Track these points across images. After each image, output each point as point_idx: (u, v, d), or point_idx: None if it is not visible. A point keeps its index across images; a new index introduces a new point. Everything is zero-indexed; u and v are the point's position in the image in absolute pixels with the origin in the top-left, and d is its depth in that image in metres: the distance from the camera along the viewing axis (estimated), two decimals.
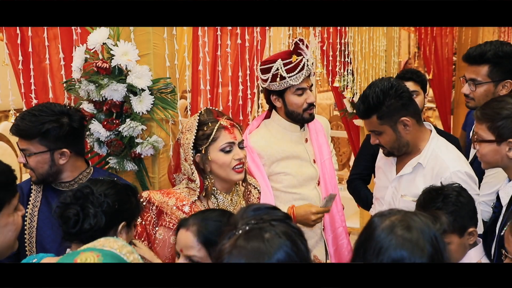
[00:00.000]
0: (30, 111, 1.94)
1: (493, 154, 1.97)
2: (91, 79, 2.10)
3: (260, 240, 1.10)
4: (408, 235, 1.19)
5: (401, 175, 2.29)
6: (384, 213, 1.26)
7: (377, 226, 1.22)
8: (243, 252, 1.10)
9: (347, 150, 6.12)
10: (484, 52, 2.43)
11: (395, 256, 1.17)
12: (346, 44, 3.82)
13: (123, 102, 2.14)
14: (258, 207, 1.22)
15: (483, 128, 1.97)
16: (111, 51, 2.09)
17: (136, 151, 2.19)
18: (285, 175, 2.49)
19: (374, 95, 2.17)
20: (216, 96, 2.53)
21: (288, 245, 1.11)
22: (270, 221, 1.15)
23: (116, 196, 1.68)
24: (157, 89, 2.19)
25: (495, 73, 2.42)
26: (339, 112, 4.49)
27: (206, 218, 1.65)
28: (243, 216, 1.20)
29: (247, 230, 1.14)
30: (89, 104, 2.18)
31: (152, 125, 2.25)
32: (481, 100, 2.42)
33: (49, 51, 2.27)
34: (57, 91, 2.35)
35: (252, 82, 2.63)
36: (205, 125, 1.97)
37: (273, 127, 2.52)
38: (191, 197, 1.98)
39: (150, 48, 2.23)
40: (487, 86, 2.44)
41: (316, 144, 2.62)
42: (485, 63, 2.42)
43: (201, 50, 2.40)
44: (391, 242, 1.18)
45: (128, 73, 2.11)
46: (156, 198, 1.96)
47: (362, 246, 1.23)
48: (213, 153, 1.97)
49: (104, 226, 1.63)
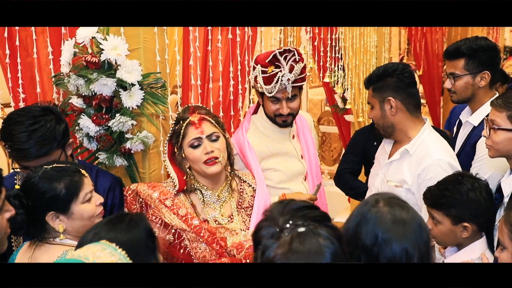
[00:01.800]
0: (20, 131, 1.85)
1: (506, 143, 1.99)
2: (80, 73, 2.08)
3: (316, 243, 1.12)
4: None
5: (391, 161, 2.36)
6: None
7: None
8: (302, 257, 1.11)
9: (338, 146, 6.14)
10: (458, 46, 2.58)
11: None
12: (337, 40, 3.82)
13: (113, 96, 2.12)
14: (296, 204, 1.22)
15: (502, 116, 2.00)
16: (101, 45, 2.06)
17: (126, 146, 2.17)
18: (274, 171, 2.51)
19: (381, 69, 2.33)
20: (207, 91, 2.51)
21: (338, 248, 1.14)
22: (317, 223, 1.16)
23: (27, 193, 1.68)
24: (147, 84, 2.18)
25: (471, 65, 2.55)
26: (330, 107, 4.48)
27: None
28: (283, 212, 1.19)
29: (299, 232, 1.13)
30: (78, 99, 2.15)
31: (142, 120, 2.23)
32: (462, 92, 2.58)
33: (37, 45, 2.24)
34: (45, 85, 2.32)
35: (243, 77, 2.62)
36: (177, 123, 2.02)
37: (261, 124, 2.53)
38: (173, 191, 2.01)
39: (140, 42, 2.20)
40: (465, 78, 2.56)
41: (304, 140, 2.65)
42: (461, 57, 2.56)
43: (192, 45, 2.38)
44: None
45: (117, 67, 2.08)
46: (142, 191, 1.98)
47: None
48: (185, 150, 2.01)
49: (26, 220, 1.66)
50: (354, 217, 1.40)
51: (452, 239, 2.01)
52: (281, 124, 2.47)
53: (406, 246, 1.32)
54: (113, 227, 1.37)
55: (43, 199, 1.69)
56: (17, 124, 1.86)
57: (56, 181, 1.70)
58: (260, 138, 2.49)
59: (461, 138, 2.65)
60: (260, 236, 1.18)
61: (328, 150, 6.09)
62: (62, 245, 1.72)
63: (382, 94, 2.29)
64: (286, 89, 2.35)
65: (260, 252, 1.16)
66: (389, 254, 1.31)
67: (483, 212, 1.97)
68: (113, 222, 1.40)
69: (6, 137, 1.87)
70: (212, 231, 1.94)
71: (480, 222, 1.98)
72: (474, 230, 1.97)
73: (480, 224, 1.98)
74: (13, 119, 1.88)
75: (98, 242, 1.24)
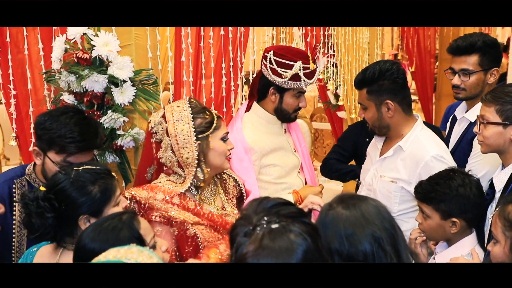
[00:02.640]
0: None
1: (496, 137, 2.01)
2: (71, 70, 2.07)
3: (287, 240, 1.11)
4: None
5: (384, 158, 2.39)
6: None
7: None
8: (272, 254, 1.10)
9: (330, 142, 6.14)
10: (474, 42, 2.50)
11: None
12: (329, 36, 3.82)
13: (105, 93, 2.11)
14: (271, 202, 1.22)
15: (491, 111, 2.02)
16: (92, 41, 2.06)
17: (118, 143, 2.16)
18: (274, 166, 2.55)
19: (372, 70, 2.29)
20: (199, 88, 2.51)
21: (311, 244, 1.13)
22: (290, 219, 1.16)
23: (58, 197, 1.65)
24: (139, 81, 2.17)
25: (484, 62, 2.49)
26: (323, 104, 4.49)
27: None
28: (257, 210, 1.19)
29: (271, 229, 1.13)
30: (69, 96, 2.14)
31: (134, 117, 2.23)
32: (472, 90, 2.51)
33: (28, 42, 2.22)
34: (37, 82, 2.31)
35: (235, 73, 2.62)
36: (202, 113, 1.96)
37: (256, 121, 2.55)
38: (179, 189, 1.94)
39: (132, 38, 2.20)
40: (478, 74, 2.50)
41: (295, 133, 2.70)
42: (475, 53, 2.49)
43: (184, 41, 2.37)
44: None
45: (109, 64, 2.08)
46: (141, 196, 1.91)
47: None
48: (214, 141, 1.96)
49: (56, 224, 1.65)
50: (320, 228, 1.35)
51: (441, 234, 2.03)
52: (293, 119, 2.60)
53: (371, 232, 1.30)
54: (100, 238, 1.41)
55: (78, 203, 1.65)
56: (77, 114, 1.92)
57: (91, 184, 1.67)
58: (259, 135, 2.52)
59: (456, 134, 2.64)
60: (235, 234, 1.18)
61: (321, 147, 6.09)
62: None
63: (379, 97, 2.29)
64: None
65: (234, 250, 1.16)
66: (361, 247, 1.29)
67: (472, 208, 1.99)
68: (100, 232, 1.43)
69: (61, 128, 1.85)
70: (221, 216, 1.99)
71: (469, 218, 1.99)
72: (463, 226, 1.99)
73: (469, 220, 2.00)
74: (65, 113, 1.90)
75: (130, 246, 1.22)
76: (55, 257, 1.70)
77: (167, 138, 1.94)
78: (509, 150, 2.01)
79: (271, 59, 2.44)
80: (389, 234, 1.32)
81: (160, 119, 1.96)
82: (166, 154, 1.97)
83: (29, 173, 2.03)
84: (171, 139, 1.93)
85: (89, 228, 1.48)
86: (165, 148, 1.96)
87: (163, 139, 1.96)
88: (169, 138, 1.94)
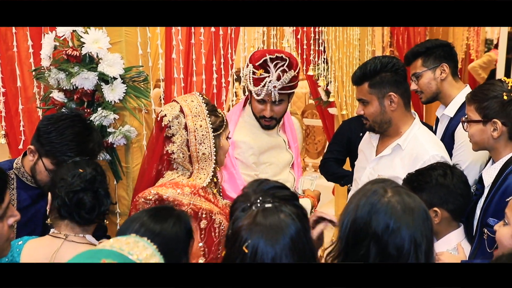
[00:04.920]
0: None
1: (479, 134, 2.05)
2: (61, 67, 2.05)
3: (277, 219, 1.27)
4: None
5: (381, 156, 2.37)
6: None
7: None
8: (263, 230, 1.25)
9: (322, 139, 6.16)
10: (414, 49, 2.81)
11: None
12: (320, 33, 3.82)
13: (95, 90, 2.10)
14: (269, 184, 1.38)
15: (472, 109, 2.06)
16: (81, 38, 2.04)
17: (108, 141, 2.15)
18: (270, 164, 2.56)
19: (373, 64, 2.29)
20: (190, 85, 2.50)
21: (298, 225, 1.27)
22: (283, 201, 1.31)
23: (102, 169, 1.82)
24: (130, 78, 2.16)
25: (428, 61, 2.71)
26: (314, 100, 4.50)
27: None
28: (256, 190, 1.35)
29: (265, 208, 1.29)
30: (59, 93, 2.13)
31: (124, 114, 2.22)
32: (427, 89, 2.71)
33: (17, 38, 2.21)
34: (26, 79, 2.30)
35: (226, 70, 2.61)
36: (215, 111, 2.03)
37: (251, 119, 2.55)
38: (202, 182, 1.99)
39: (122, 35, 2.18)
40: (426, 74, 2.70)
41: (289, 130, 2.70)
42: (418, 57, 2.74)
43: (174, 38, 2.37)
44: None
45: (99, 61, 2.07)
46: (168, 194, 1.91)
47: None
48: (222, 140, 2.05)
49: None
50: (362, 207, 1.39)
51: None
52: (264, 126, 2.49)
53: (414, 234, 1.34)
54: (160, 220, 1.40)
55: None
56: (83, 129, 1.98)
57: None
58: (255, 133, 2.53)
59: (439, 132, 2.72)
60: (235, 209, 1.36)
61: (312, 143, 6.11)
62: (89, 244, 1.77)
63: (382, 89, 2.27)
64: (271, 94, 2.35)
65: (231, 222, 1.33)
66: (399, 242, 1.33)
67: (453, 199, 2.01)
68: (161, 214, 1.43)
69: (64, 145, 1.92)
70: (227, 207, 2.03)
71: (451, 209, 2.01)
72: (446, 217, 2.01)
73: (452, 212, 2.02)
74: (71, 126, 1.94)
75: (129, 236, 1.23)
76: (52, 250, 1.71)
77: (185, 132, 1.97)
78: (495, 146, 2.03)
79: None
80: (428, 242, 1.37)
81: (178, 113, 1.97)
82: (181, 149, 1.99)
83: (18, 167, 2.02)
84: (189, 134, 1.97)
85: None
86: (181, 143, 1.98)
87: (177, 134, 1.98)
88: (187, 132, 1.97)
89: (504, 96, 1.96)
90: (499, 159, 2.04)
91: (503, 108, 1.97)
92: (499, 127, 1.98)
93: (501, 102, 1.97)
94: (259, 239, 1.23)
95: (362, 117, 2.37)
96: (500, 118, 1.98)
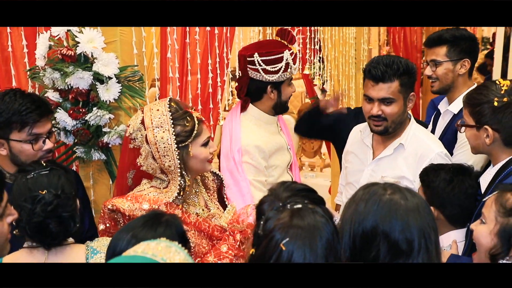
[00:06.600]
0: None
1: (474, 139, 2.02)
2: (55, 67, 2.05)
3: (313, 219, 1.24)
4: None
5: (381, 157, 2.33)
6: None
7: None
8: (300, 230, 1.22)
9: None
10: (441, 34, 2.65)
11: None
12: (315, 31, 3.83)
13: (90, 90, 2.10)
14: (299, 186, 1.39)
15: (467, 113, 2.02)
16: (76, 38, 2.04)
17: (104, 140, 2.15)
18: (276, 167, 2.58)
19: (404, 62, 2.21)
20: (186, 84, 2.50)
21: (332, 226, 1.26)
22: (316, 203, 1.30)
23: (69, 184, 1.63)
24: (125, 77, 2.16)
25: (452, 53, 2.62)
26: (310, 99, 4.50)
27: None
28: (287, 189, 1.35)
29: (299, 208, 1.26)
30: (54, 93, 2.13)
31: (119, 114, 2.22)
32: (443, 79, 2.63)
33: (12, 38, 2.20)
34: (21, 79, 2.29)
35: (221, 69, 2.61)
36: (183, 120, 1.87)
37: (256, 122, 2.57)
38: (166, 198, 1.88)
39: (117, 35, 2.18)
40: (446, 64, 2.62)
41: (286, 131, 2.72)
42: (443, 44, 2.63)
43: (170, 37, 2.36)
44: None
45: (94, 60, 2.07)
46: (125, 207, 1.83)
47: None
48: (195, 148, 1.90)
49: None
50: (364, 212, 1.38)
51: None
52: (286, 108, 2.62)
53: (422, 227, 1.35)
54: (150, 228, 1.38)
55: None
56: (17, 91, 1.90)
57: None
58: (264, 136, 2.54)
59: (440, 127, 2.68)
60: (263, 208, 1.33)
61: (309, 142, 6.11)
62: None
63: (407, 90, 2.23)
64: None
65: (262, 222, 1.28)
66: (409, 237, 1.33)
67: (450, 207, 2.01)
68: (150, 222, 1.41)
69: (12, 105, 1.84)
70: (206, 221, 1.94)
71: (447, 215, 2.02)
72: (442, 219, 2.01)
73: (448, 217, 2.02)
74: (6, 94, 1.87)
75: (159, 240, 1.18)
76: (38, 260, 1.62)
77: (147, 145, 1.87)
78: (491, 152, 1.99)
79: (259, 62, 2.45)
80: (435, 235, 1.38)
81: (139, 125, 1.88)
82: (147, 162, 1.91)
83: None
84: (151, 147, 1.86)
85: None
86: (146, 156, 1.90)
87: (142, 146, 1.89)
88: (149, 146, 1.87)
89: (495, 102, 1.90)
90: (496, 163, 1.99)
91: (493, 115, 1.91)
92: (490, 134, 1.92)
93: (492, 108, 1.91)
94: (296, 239, 1.20)
95: (375, 118, 2.25)
96: (491, 124, 1.92)
